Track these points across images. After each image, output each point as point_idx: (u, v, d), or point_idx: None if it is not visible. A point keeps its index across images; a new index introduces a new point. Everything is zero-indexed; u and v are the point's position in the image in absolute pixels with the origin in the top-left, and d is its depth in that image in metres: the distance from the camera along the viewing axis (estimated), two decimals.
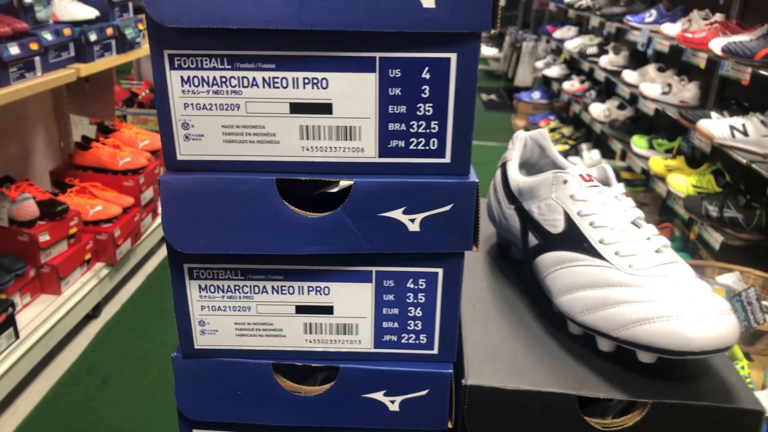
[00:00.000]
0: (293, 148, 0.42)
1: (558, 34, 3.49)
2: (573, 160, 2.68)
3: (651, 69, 2.28)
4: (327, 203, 0.44)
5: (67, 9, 1.67)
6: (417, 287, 0.46)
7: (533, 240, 0.57)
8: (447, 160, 0.43)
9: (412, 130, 0.42)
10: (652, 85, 2.18)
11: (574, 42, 3.08)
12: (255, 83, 0.41)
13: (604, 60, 2.63)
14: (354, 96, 0.41)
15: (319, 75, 0.41)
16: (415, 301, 0.46)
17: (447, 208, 0.43)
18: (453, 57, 0.40)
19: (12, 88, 1.42)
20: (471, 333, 0.53)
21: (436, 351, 0.48)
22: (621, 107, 2.60)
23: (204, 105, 0.42)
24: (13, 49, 1.41)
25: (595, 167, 0.59)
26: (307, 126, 0.42)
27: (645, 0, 2.68)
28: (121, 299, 1.87)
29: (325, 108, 0.41)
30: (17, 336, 1.47)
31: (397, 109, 0.41)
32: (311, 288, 0.46)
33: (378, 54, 0.40)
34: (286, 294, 0.46)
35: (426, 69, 0.40)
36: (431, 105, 0.41)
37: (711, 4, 2.07)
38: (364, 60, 0.40)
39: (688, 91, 2.10)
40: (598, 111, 2.65)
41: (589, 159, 2.84)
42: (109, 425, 1.38)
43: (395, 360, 0.48)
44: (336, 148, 0.42)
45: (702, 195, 1.86)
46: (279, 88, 0.41)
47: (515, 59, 4.53)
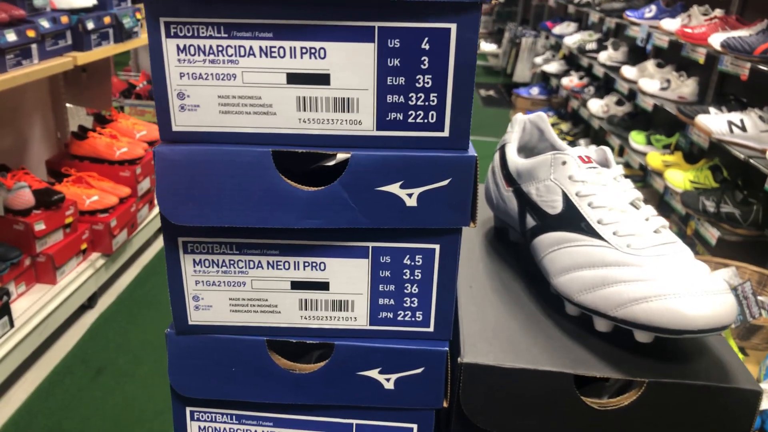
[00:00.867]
0: (290, 120, 0.42)
1: (557, 29, 3.49)
2: None
3: (650, 65, 2.28)
4: (323, 178, 0.43)
5: None
6: (414, 264, 0.46)
7: (531, 221, 0.57)
8: (445, 133, 0.42)
9: (410, 102, 0.41)
10: (650, 81, 2.18)
11: (573, 38, 3.08)
12: (252, 52, 0.40)
13: (603, 56, 2.63)
14: (352, 66, 0.40)
15: (317, 44, 0.40)
16: (412, 278, 0.46)
17: (445, 182, 0.42)
18: (453, 27, 0.39)
19: (8, 75, 1.41)
20: (467, 313, 0.52)
21: (431, 329, 0.48)
22: (619, 103, 2.60)
23: (200, 74, 0.41)
24: (10, 36, 1.40)
25: (595, 150, 0.58)
26: (305, 97, 0.41)
27: None
28: (117, 290, 1.86)
29: (323, 79, 0.41)
30: (12, 325, 1.46)
31: (396, 81, 0.41)
32: (307, 263, 0.45)
33: (377, 23, 0.39)
34: (281, 269, 0.46)
35: (425, 39, 0.40)
36: (430, 77, 0.41)
37: None
38: (362, 29, 0.39)
39: (686, 87, 2.10)
40: (596, 107, 2.65)
41: None
42: (104, 416, 1.38)
43: (391, 338, 0.48)
44: (334, 120, 0.42)
45: (699, 190, 1.87)
46: (276, 57, 0.40)
47: (514, 55, 4.53)
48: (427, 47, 0.40)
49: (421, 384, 0.48)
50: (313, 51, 0.40)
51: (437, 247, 0.45)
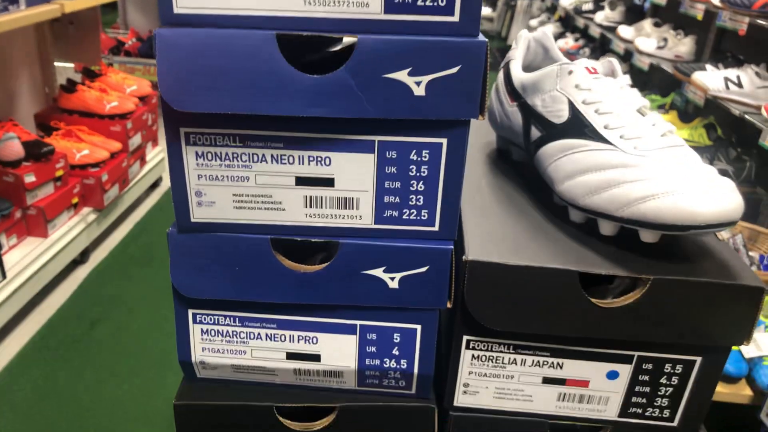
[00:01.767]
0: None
1: None
2: None
3: (647, 24, 2.26)
4: (330, 68, 0.42)
5: None
6: (420, 159, 0.45)
7: (536, 133, 0.56)
8: (455, 18, 0.41)
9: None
10: (647, 40, 2.17)
11: None
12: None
13: (599, 16, 2.60)
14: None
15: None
16: (418, 174, 0.45)
17: (454, 70, 0.41)
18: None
19: None
20: (471, 218, 0.52)
21: (437, 228, 0.47)
22: None
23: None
24: None
25: (601, 62, 0.58)
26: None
27: None
28: (109, 246, 1.85)
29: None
30: (4, 276, 1.45)
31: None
32: (312, 158, 0.45)
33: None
34: (285, 164, 0.45)
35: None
36: None
37: None
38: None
39: (683, 45, 2.09)
40: None
41: None
42: (98, 366, 1.38)
43: (396, 237, 0.47)
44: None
45: (693, 149, 1.87)
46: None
47: (509, 18, 4.47)
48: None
49: (426, 283, 0.48)
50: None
51: (444, 142, 0.44)
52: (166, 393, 1.31)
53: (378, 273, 0.47)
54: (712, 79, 1.78)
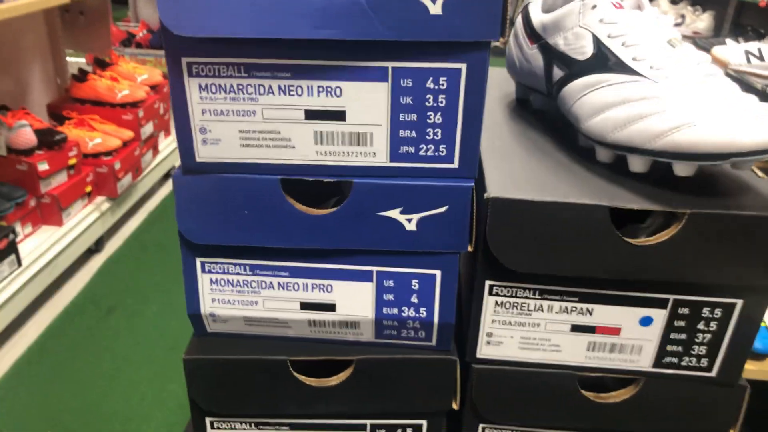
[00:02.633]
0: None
1: None
2: None
3: (663, 1, 2.21)
4: None
5: None
6: (437, 87, 0.42)
7: (558, 74, 0.53)
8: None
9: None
10: (664, 17, 2.12)
11: None
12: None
13: None
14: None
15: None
16: (435, 105, 0.43)
17: None
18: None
19: (4, 5, 1.37)
20: (492, 161, 0.49)
21: (456, 165, 0.45)
22: None
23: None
24: None
25: None
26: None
27: None
28: (124, 234, 1.84)
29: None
30: (20, 263, 1.44)
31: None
32: (321, 88, 0.42)
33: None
34: (293, 96, 0.42)
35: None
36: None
37: None
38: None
39: (702, 22, 2.03)
40: None
41: None
42: (115, 353, 1.37)
43: (412, 175, 0.45)
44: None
45: None
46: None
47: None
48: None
49: (445, 224, 0.45)
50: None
51: (463, 67, 0.41)
52: (180, 378, 1.30)
53: (394, 214, 0.45)
54: (732, 53, 1.72)
